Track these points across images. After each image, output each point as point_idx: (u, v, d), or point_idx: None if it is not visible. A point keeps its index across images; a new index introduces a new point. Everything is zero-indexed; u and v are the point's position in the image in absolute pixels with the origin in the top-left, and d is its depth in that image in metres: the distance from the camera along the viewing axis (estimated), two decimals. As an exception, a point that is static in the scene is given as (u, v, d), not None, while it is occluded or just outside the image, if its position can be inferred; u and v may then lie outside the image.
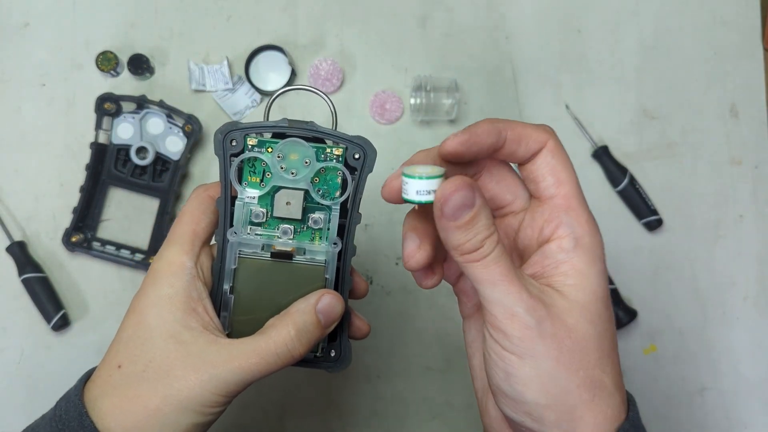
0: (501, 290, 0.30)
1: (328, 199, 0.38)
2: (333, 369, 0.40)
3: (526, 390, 0.31)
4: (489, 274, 0.30)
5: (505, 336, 0.30)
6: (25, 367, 0.61)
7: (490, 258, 0.30)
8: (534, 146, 0.34)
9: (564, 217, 0.33)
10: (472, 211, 0.29)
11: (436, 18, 0.66)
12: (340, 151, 0.38)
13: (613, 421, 0.31)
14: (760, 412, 0.62)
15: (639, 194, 0.63)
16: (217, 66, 0.63)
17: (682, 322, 0.63)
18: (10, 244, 0.61)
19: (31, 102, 0.64)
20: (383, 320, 0.62)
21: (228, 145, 0.38)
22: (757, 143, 0.65)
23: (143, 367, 0.35)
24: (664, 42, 0.66)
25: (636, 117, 0.65)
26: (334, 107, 0.40)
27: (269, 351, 0.35)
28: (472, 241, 0.30)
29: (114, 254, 0.61)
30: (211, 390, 0.34)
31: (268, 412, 0.61)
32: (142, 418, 0.34)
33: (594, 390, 0.31)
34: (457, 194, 0.29)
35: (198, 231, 0.38)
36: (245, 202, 0.38)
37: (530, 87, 0.65)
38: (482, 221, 0.30)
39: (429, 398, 0.61)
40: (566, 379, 0.31)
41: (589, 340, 0.31)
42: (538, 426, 0.31)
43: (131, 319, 0.37)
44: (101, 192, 0.62)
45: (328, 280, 0.38)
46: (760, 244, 0.64)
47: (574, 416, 0.31)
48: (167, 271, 0.37)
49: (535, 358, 0.30)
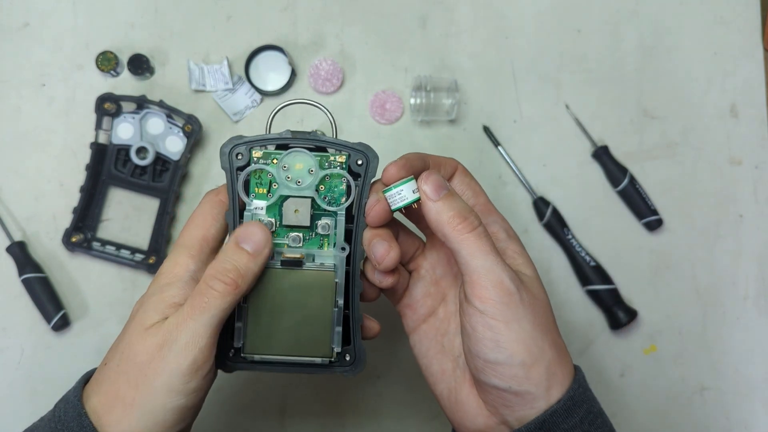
0: (492, 259, 0.36)
1: (334, 205, 0.39)
2: (349, 373, 0.40)
3: (514, 352, 0.35)
4: (481, 245, 0.36)
5: (492, 303, 0.35)
6: (25, 367, 0.61)
7: (481, 230, 0.36)
8: (449, 170, 0.42)
9: (489, 218, 0.41)
10: (448, 189, 0.37)
11: (436, 18, 0.66)
12: (343, 158, 0.39)
13: (570, 375, 0.37)
14: (760, 412, 0.62)
15: (639, 194, 0.63)
16: (217, 66, 0.63)
17: (682, 322, 0.63)
18: (10, 244, 0.61)
19: (31, 102, 0.64)
20: (383, 320, 0.61)
21: (234, 158, 0.39)
22: (757, 143, 0.65)
23: (118, 360, 0.36)
24: (664, 42, 0.66)
25: (636, 117, 0.65)
26: (332, 117, 0.41)
27: (201, 288, 0.36)
28: (459, 211, 0.36)
29: (114, 254, 0.61)
30: (173, 359, 0.34)
31: (268, 412, 0.61)
32: (121, 413, 0.34)
33: (557, 349, 0.37)
34: (432, 177, 0.37)
35: (207, 237, 0.39)
36: (253, 213, 0.39)
37: (530, 87, 0.65)
38: (459, 198, 0.37)
39: (429, 398, 0.61)
40: (541, 339, 0.36)
41: (546, 307, 0.38)
42: (525, 386, 0.35)
43: (129, 317, 0.38)
44: (101, 192, 0.62)
45: (338, 284, 0.39)
46: (760, 244, 0.64)
47: (550, 372, 0.36)
48: (169, 273, 0.38)
49: (518, 322, 0.35)
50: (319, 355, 0.39)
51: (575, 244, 0.62)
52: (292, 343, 0.39)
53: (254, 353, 0.39)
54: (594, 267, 0.62)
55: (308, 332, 0.39)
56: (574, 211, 0.64)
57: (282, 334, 0.39)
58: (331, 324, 0.39)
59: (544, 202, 0.63)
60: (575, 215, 0.63)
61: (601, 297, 0.62)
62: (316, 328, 0.39)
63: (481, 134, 0.64)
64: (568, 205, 0.64)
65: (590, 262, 0.62)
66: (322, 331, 0.39)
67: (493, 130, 0.64)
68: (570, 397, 0.36)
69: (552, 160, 0.64)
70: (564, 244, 0.62)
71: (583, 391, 0.37)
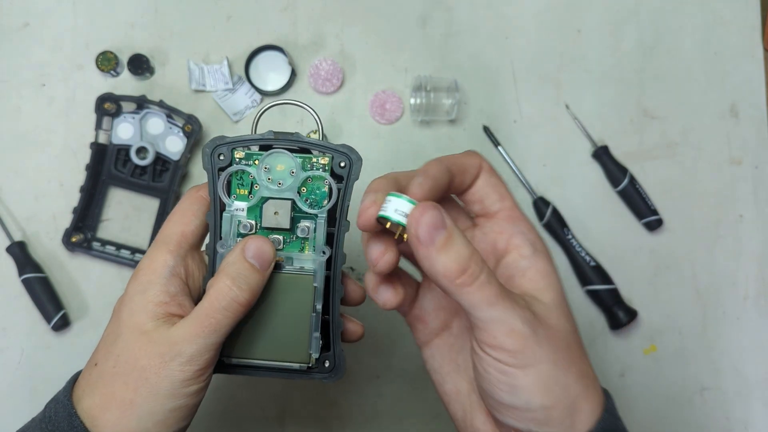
0: (499, 309, 0.31)
1: (316, 208, 0.38)
2: (327, 380, 0.40)
3: (532, 397, 0.31)
4: (485, 295, 0.31)
5: (506, 352, 0.31)
6: (25, 367, 0.61)
7: (483, 278, 0.31)
8: (473, 171, 0.36)
9: (514, 227, 0.36)
10: (446, 230, 0.30)
11: (436, 18, 0.66)
12: (326, 160, 0.38)
13: (599, 405, 0.33)
14: (760, 412, 0.62)
15: (639, 194, 0.63)
16: (217, 66, 0.63)
17: (682, 322, 0.63)
18: (10, 244, 0.61)
19: (31, 102, 0.64)
20: (383, 320, 0.62)
21: (216, 159, 0.38)
22: (757, 143, 0.65)
23: (113, 362, 0.35)
24: (664, 42, 0.66)
25: (636, 117, 0.65)
26: (319, 118, 0.40)
27: (214, 307, 0.35)
28: (456, 261, 0.30)
29: (114, 254, 0.61)
30: (178, 369, 0.34)
31: (268, 412, 0.61)
32: (119, 414, 0.34)
33: (585, 381, 0.33)
34: (427, 215, 0.30)
35: (186, 232, 0.38)
36: (233, 215, 0.38)
37: (530, 87, 0.65)
38: (459, 240, 0.31)
39: (429, 398, 0.61)
40: (564, 376, 0.32)
41: (569, 336, 0.34)
42: (545, 428, 0.32)
43: (111, 317, 0.38)
44: (101, 192, 0.62)
45: (317, 288, 0.38)
46: (760, 244, 0.64)
47: (574, 409, 0.32)
48: (148, 269, 0.37)
49: (536, 366, 0.31)
50: (297, 361, 0.38)
51: (575, 244, 0.62)
52: (270, 348, 0.38)
53: (232, 357, 0.38)
54: (594, 267, 0.62)
55: (286, 337, 0.38)
56: (574, 211, 0.64)
57: (260, 338, 0.38)
58: (309, 329, 0.38)
59: (544, 202, 0.63)
60: (575, 215, 0.63)
61: (601, 297, 0.62)
62: (293, 333, 0.38)
63: (481, 134, 0.64)
64: (568, 205, 0.64)
65: (590, 262, 0.62)
66: (300, 337, 0.38)
67: (493, 130, 0.64)
68: (602, 428, 0.33)
69: (552, 160, 0.64)
70: (564, 244, 0.62)
71: (614, 420, 0.34)
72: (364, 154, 0.39)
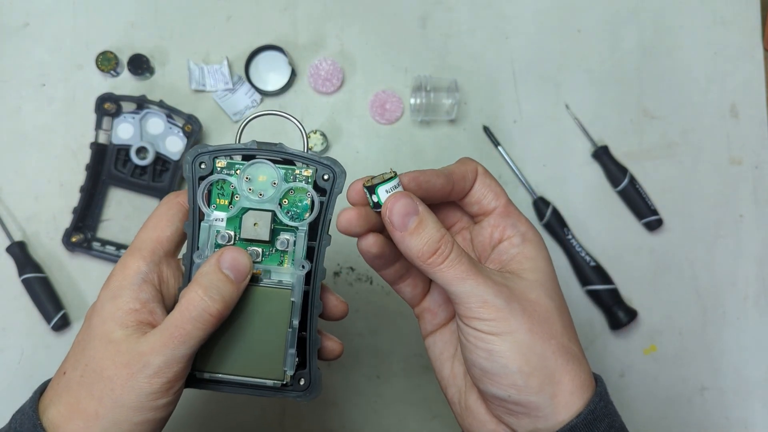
0: (470, 283, 0.34)
1: (297, 220, 0.38)
2: (302, 398, 0.39)
3: (509, 362, 0.34)
4: (455, 272, 0.34)
5: (481, 321, 0.34)
6: (25, 367, 0.61)
7: (452, 257, 0.34)
8: (471, 176, 0.39)
9: (508, 221, 0.39)
10: (417, 216, 0.35)
11: (436, 18, 0.66)
12: (309, 172, 0.38)
13: (585, 388, 0.35)
14: (760, 412, 0.62)
15: (639, 194, 0.63)
16: (217, 66, 0.63)
17: (682, 322, 0.63)
18: (10, 244, 0.61)
19: (31, 102, 0.64)
20: (383, 320, 0.62)
21: (197, 167, 0.38)
22: (757, 143, 0.65)
23: (81, 371, 0.35)
24: (664, 42, 0.66)
25: (636, 117, 0.65)
26: (304, 129, 0.40)
27: (184, 317, 0.34)
28: (428, 243, 0.34)
29: (114, 254, 0.61)
30: (145, 381, 0.34)
31: (268, 412, 0.61)
32: (83, 425, 0.34)
33: (566, 356, 0.35)
34: (399, 203, 0.34)
35: (162, 238, 0.38)
36: (211, 224, 0.38)
37: (530, 87, 0.65)
38: (430, 224, 0.35)
39: (429, 398, 0.61)
40: (542, 346, 0.34)
41: (551, 312, 0.36)
42: (525, 395, 0.34)
43: (83, 324, 0.37)
44: (101, 192, 0.63)
45: (295, 303, 0.37)
46: (760, 244, 0.64)
47: (553, 380, 0.34)
48: (119, 275, 0.37)
49: (512, 333, 0.34)
50: (271, 378, 0.37)
51: (575, 244, 0.62)
52: (244, 363, 0.37)
53: (204, 371, 0.37)
54: (594, 267, 0.62)
55: (261, 353, 0.37)
56: (574, 211, 0.64)
57: (234, 353, 0.37)
58: (285, 345, 0.37)
59: (544, 202, 0.63)
60: (575, 215, 0.63)
61: (601, 297, 0.62)
62: (268, 348, 0.37)
63: (481, 134, 0.64)
64: (568, 205, 0.64)
65: (590, 262, 0.62)
66: (275, 353, 0.37)
67: (493, 130, 0.64)
68: (591, 411, 0.34)
69: (552, 160, 0.64)
70: (564, 244, 0.62)
71: (604, 404, 0.35)
72: (364, 154, 0.38)
